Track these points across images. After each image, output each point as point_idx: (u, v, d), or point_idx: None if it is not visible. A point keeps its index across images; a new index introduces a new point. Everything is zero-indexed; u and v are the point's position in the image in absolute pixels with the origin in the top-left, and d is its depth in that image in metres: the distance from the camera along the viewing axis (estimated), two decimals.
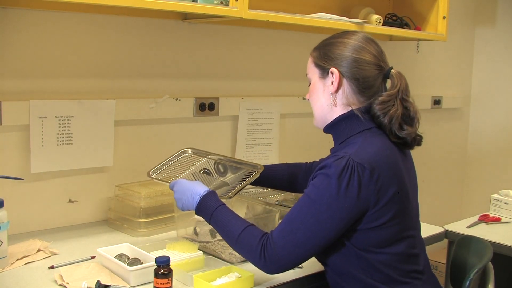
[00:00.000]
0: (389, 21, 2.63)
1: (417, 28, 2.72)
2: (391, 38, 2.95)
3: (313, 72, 1.54)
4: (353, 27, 2.28)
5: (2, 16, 1.78)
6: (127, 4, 1.66)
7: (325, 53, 1.50)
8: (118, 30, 2.03)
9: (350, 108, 1.49)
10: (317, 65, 1.52)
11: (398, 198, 1.40)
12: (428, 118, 3.40)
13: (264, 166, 1.85)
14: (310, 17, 2.18)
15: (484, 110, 3.70)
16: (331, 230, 1.36)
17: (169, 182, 1.69)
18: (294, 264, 1.40)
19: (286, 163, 1.94)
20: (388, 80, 1.52)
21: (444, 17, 2.70)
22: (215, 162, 1.88)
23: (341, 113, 1.50)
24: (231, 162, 1.87)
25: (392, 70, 1.50)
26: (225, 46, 2.35)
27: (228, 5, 1.88)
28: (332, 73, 1.48)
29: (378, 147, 1.42)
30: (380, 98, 1.46)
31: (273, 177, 1.87)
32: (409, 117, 1.48)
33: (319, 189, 1.36)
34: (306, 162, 1.91)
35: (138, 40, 2.09)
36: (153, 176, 1.83)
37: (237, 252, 1.48)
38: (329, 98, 1.51)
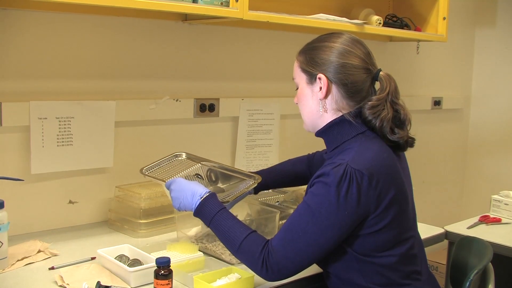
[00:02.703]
0: (389, 22, 2.63)
1: (417, 29, 2.72)
2: (391, 39, 2.95)
3: (300, 77, 1.52)
4: (353, 28, 2.28)
5: (2, 17, 1.78)
6: (128, 5, 1.67)
7: (312, 58, 1.48)
8: (118, 31, 2.04)
9: (340, 113, 1.48)
10: (304, 71, 1.50)
11: (397, 201, 1.40)
12: (428, 119, 3.40)
13: (269, 169, 1.86)
14: (310, 18, 2.18)
15: (485, 110, 3.70)
16: (332, 237, 1.36)
17: (163, 181, 1.67)
18: (295, 272, 1.40)
19: (290, 161, 1.92)
20: (376, 82, 1.51)
21: (444, 18, 2.70)
22: (208, 169, 1.87)
23: (332, 119, 1.48)
24: (226, 170, 1.84)
25: (381, 73, 1.48)
26: (225, 47, 2.35)
27: (228, 6, 1.88)
28: (319, 79, 1.46)
29: (375, 152, 1.41)
30: (369, 103, 1.44)
31: (281, 181, 1.88)
32: (399, 120, 1.47)
33: (318, 198, 1.35)
34: (308, 154, 1.89)
35: (138, 41, 2.09)
36: (146, 173, 1.80)
37: (237, 258, 1.47)
38: (318, 104, 1.49)
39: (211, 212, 1.46)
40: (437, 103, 3.40)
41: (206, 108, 2.27)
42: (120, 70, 2.07)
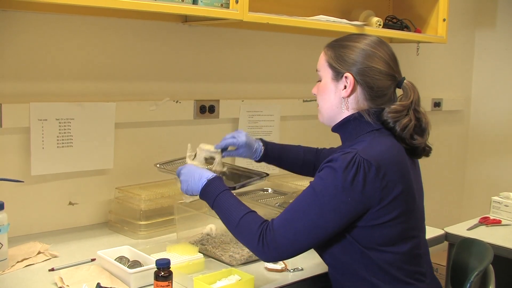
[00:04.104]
0: (389, 23, 2.63)
1: (417, 31, 2.72)
2: (391, 40, 2.94)
3: (326, 71, 1.53)
4: (353, 30, 2.28)
5: (2, 18, 1.78)
6: (128, 7, 1.67)
7: (341, 56, 1.49)
8: (118, 33, 2.04)
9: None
10: (331, 66, 1.51)
11: (404, 198, 1.40)
12: None
13: (282, 145, 1.88)
14: (310, 20, 2.18)
15: (485, 112, 3.70)
16: (332, 222, 1.36)
17: (174, 172, 1.67)
18: (292, 253, 1.39)
19: (301, 147, 1.93)
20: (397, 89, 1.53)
21: (444, 20, 2.70)
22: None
23: (350, 114, 1.51)
24: (235, 169, 1.86)
25: (405, 81, 1.51)
26: (225, 48, 2.35)
27: (228, 7, 1.88)
28: (346, 78, 1.48)
29: (387, 146, 1.43)
30: (392, 107, 1.46)
31: (290, 164, 1.89)
32: (420, 128, 1.51)
33: (324, 181, 1.37)
34: (317, 148, 1.91)
35: (138, 42, 2.09)
36: (161, 167, 1.82)
37: (236, 237, 1.45)
38: (340, 101, 1.51)
39: (215, 192, 1.47)
40: (437, 104, 3.40)
41: (206, 109, 2.27)
42: (120, 72, 2.07)
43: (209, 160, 1.81)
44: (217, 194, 1.47)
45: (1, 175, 1.76)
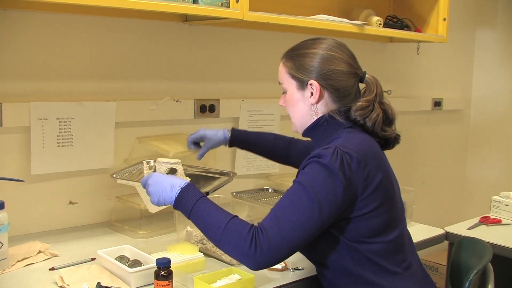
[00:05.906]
0: (389, 23, 2.63)
1: (417, 30, 2.72)
2: (391, 40, 2.95)
3: (289, 83, 1.54)
4: (354, 29, 2.29)
5: (3, 18, 1.78)
6: (128, 6, 1.67)
7: (301, 65, 1.51)
8: (118, 32, 2.04)
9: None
10: (294, 77, 1.52)
11: (384, 186, 1.42)
12: (429, 120, 3.40)
13: (250, 131, 1.98)
14: (310, 19, 2.18)
15: (485, 111, 3.70)
16: (324, 212, 1.34)
17: (137, 181, 1.60)
18: (286, 253, 1.33)
19: (273, 134, 2.00)
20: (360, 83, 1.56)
21: (444, 19, 2.70)
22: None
23: (320, 117, 1.52)
24: (200, 171, 1.83)
25: (367, 76, 1.53)
26: (225, 47, 2.35)
27: (229, 7, 1.88)
28: (311, 85, 1.49)
29: (361, 139, 1.46)
30: (358, 104, 1.49)
31: (259, 147, 1.96)
32: (388, 119, 1.53)
33: (311, 174, 1.36)
34: (292, 138, 1.96)
35: (138, 42, 2.09)
36: (118, 177, 1.76)
37: (219, 246, 1.36)
38: (310, 108, 1.52)
39: (191, 200, 1.39)
40: (437, 104, 3.40)
41: (207, 109, 2.27)
42: (120, 71, 2.07)
43: (170, 173, 1.79)
44: (194, 202, 1.39)
45: (2, 175, 1.77)
